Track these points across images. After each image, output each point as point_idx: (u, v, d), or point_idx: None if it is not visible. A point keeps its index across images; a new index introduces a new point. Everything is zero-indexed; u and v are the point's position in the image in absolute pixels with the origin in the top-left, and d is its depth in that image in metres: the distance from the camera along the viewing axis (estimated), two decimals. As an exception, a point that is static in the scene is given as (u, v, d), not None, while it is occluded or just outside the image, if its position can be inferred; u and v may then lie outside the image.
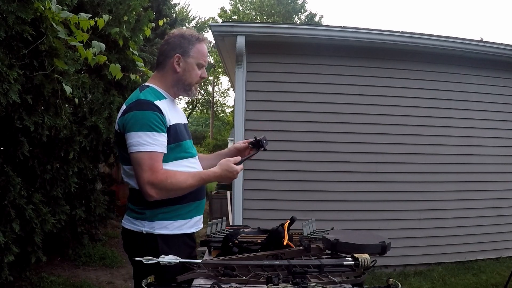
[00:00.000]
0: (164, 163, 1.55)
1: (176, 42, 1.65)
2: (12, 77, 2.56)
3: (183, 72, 1.65)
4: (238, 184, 4.47)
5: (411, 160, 4.81)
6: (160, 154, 1.51)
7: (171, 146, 1.57)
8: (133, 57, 4.05)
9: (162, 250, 1.50)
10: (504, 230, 5.09)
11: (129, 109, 1.54)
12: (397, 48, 4.70)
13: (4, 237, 2.88)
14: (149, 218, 1.56)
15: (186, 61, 1.64)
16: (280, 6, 28.93)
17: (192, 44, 1.65)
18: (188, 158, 1.64)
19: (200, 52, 1.66)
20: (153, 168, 1.48)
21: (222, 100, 32.37)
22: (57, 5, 2.67)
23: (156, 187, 1.48)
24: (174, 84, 1.67)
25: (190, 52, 1.64)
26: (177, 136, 1.60)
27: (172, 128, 1.57)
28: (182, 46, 1.64)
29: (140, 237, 1.57)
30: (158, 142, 1.50)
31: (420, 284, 4.30)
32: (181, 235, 1.60)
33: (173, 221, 1.57)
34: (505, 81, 5.10)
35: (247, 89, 4.59)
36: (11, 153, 3.07)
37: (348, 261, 1.29)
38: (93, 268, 4.55)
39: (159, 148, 1.50)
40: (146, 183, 1.47)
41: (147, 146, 1.48)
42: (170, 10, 11.06)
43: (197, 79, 1.69)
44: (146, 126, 1.48)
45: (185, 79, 1.66)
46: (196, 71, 1.67)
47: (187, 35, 1.66)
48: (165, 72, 1.67)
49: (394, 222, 4.73)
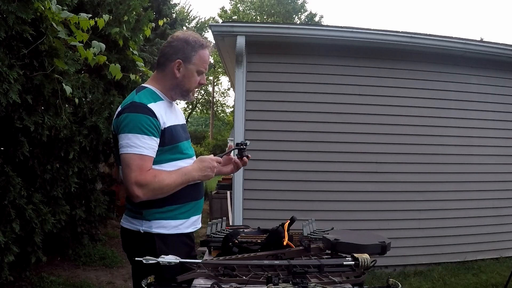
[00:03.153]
0: (160, 164, 1.56)
1: (179, 46, 1.62)
2: (12, 77, 2.56)
3: (182, 78, 1.63)
4: (238, 184, 4.47)
5: (411, 160, 4.81)
6: (149, 158, 1.51)
7: (167, 148, 1.57)
8: (133, 57, 4.05)
9: (160, 249, 1.51)
10: (504, 230, 5.09)
11: (123, 111, 1.55)
12: (397, 48, 4.70)
13: (4, 237, 2.88)
14: (146, 217, 1.57)
15: (186, 67, 1.62)
16: (280, 6, 28.94)
17: (195, 51, 1.62)
18: (184, 159, 1.64)
19: (202, 59, 1.64)
20: (142, 168, 1.48)
21: (222, 100, 32.43)
22: (57, 5, 2.67)
23: (143, 187, 1.48)
24: (172, 88, 1.66)
25: (192, 59, 1.62)
26: (173, 138, 1.60)
27: (167, 130, 1.57)
28: (184, 52, 1.61)
29: (138, 236, 1.58)
30: (147, 145, 1.50)
31: (420, 284, 4.30)
32: (179, 235, 1.60)
33: (170, 221, 1.58)
34: (505, 81, 5.10)
35: (247, 89, 4.59)
36: (11, 153, 3.07)
37: (348, 261, 1.29)
38: (93, 268, 4.55)
39: (148, 151, 1.50)
40: (134, 183, 1.47)
41: (136, 149, 1.48)
42: (170, 10, 11.06)
43: (195, 85, 1.68)
44: (136, 129, 1.49)
45: (183, 85, 1.65)
46: (195, 77, 1.65)
47: (191, 40, 1.63)
48: (165, 74, 1.66)
49: (394, 222, 4.73)
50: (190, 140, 1.82)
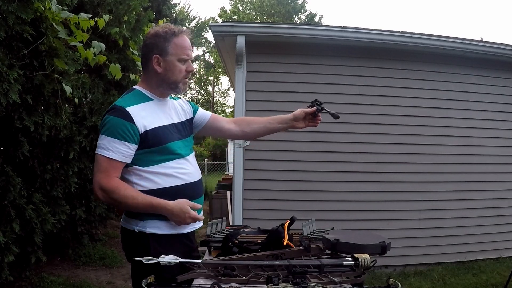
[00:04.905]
0: (150, 166, 1.57)
1: (152, 42, 1.61)
2: (12, 77, 2.56)
3: (165, 72, 1.61)
4: (238, 184, 4.47)
5: (411, 160, 4.81)
6: (116, 162, 1.52)
7: (154, 149, 1.57)
8: (133, 57, 4.06)
9: (155, 248, 1.51)
10: (504, 230, 5.09)
11: (106, 112, 1.58)
12: (397, 48, 4.70)
13: (4, 237, 2.88)
14: (140, 217, 1.57)
15: (165, 59, 1.60)
16: (280, 6, 28.93)
17: (168, 41, 1.59)
18: (176, 160, 1.62)
19: (179, 46, 1.60)
20: (107, 172, 1.51)
21: (222, 100, 32.43)
22: (57, 5, 2.67)
23: (105, 192, 1.50)
24: (158, 84, 1.65)
25: (168, 49, 1.59)
26: (159, 139, 1.58)
27: (150, 133, 1.56)
28: (158, 46, 1.59)
29: (133, 235, 1.59)
30: (115, 149, 1.51)
31: (420, 284, 4.30)
32: (176, 235, 1.60)
33: (164, 221, 1.57)
34: (505, 81, 5.10)
35: (247, 89, 4.59)
36: (11, 153, 3.07)
37: (348, 261, 1.29)
38: (93, 268, 4.55)
39: (116, 155, 1.51)
40: (97, 184, 1.51)
41: (105, 151, 1.51)
42: (170, 10, 11.07)
43: (182, 74, 1.63)
44: (108, 131, 1.52)
45: (168, 78, 1.62)
46: (179, 67, 1.61)
47: (161, 32, 1.60)
48: (149, 74, 1.65)
49: (394, 222, 4.73)
50: (191, 138, 1.79)
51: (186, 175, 1.63)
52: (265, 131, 1.91)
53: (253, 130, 1.91)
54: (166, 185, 1.58)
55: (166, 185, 1.58)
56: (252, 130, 1.91)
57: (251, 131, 1.91)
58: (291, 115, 1.85)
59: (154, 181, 1.58)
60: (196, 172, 1.70)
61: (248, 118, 1.96)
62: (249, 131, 1.91)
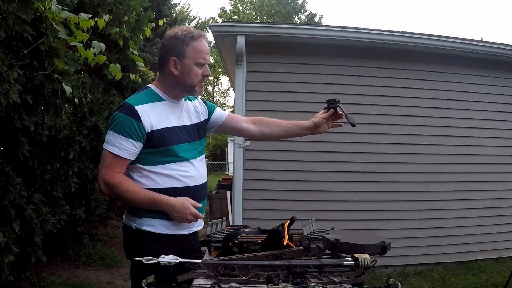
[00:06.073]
0: (153, 166, 1.58)
1: (170, 44, 1.60)
2: (12, 77, 2.56)
3: (181, 75, 1.60)
4: (238, 184, 4.47)
5: (411, 160, 4.81)
6: (121, 159, 1.54)
7: (158, 150, 1.58)
8: (133, 57, 4.06)
9: (151, 246, 1.53)
10: (504, 230, 5.09)
11: (116, 109, 1.61)
12: (397, 48, 4.70)
13: (4, 237, 2.88)
14: (138, 214, 1.59)
15: (182, 63, 1.59)
16: (280, 6, 28.93)
17: (187, 45, 1.58)
18: (179, 162, 1.61)
19: (197, 50, 1.59)
20: (112, 168, 1.53)
21: (222, 100, 32.43)
22: (57, 5, 2.67)
23: (108, 186, 1.53)
24: (174, 86, 1.64)
25: (186, 53, 1.58)
26: (164, 140, 1.58)
27: (155, 133, 1.56)
28: (176, 48, 1.59)
29: (131, 231, 1.60)
30: (121, 146, 1.53)
31: (420, 284, 4.30)
32: (173, 236, 1.60)
33: (161, 220, 1.58)
34: (505, 81, 5.10)
35: (247, 89, 4.59)
36: (11, 153, 3.07)
37: (348, 261, 1.29)
38: (93, 268, 4.55)
39: (122, 152, 1.53)
40: (101, 178, 1.54)
41: (111, 146, 1.53)
42: (170, 10, 11.06)
43: (198, 78, 1.63)
44: (115, 128, 1.54)
45: (184, 81, 1.61)
46: (195, 71, 1.61)
47: (180, 35, 1.59)
48: (165, 74, 1.65)
49: (394, 222, 4.73)
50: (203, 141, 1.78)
51: (187, 178, 1.63)
52: (285, 135, 1.93)
53: (273, 133, 1.92)
54: (166, 185, 1.59)
55: (165, 186, 1.59)
56: (271, 132, 1.91)
57: (271, 133, 1.92)
58: (311, 122, 1.87)
59: (154, 180, 1.58)
60: (199, 176, 1.69)
61: (267, 119, 1.94)
62: (268, 133, 1.91)
